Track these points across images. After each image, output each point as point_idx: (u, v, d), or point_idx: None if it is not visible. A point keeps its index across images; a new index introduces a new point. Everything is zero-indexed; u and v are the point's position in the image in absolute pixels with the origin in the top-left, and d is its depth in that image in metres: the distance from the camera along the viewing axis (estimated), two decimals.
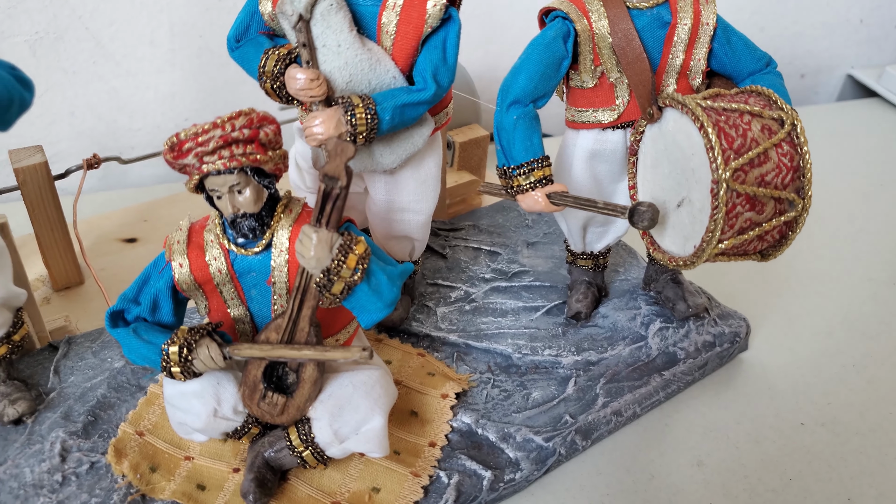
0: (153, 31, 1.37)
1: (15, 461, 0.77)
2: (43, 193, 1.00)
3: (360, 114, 0.73)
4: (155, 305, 0.74)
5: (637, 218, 0.76)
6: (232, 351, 0.71)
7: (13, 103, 0.69)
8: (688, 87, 0.85)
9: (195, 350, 0.69)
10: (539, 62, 0.80)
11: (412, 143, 0.83)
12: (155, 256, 0.74)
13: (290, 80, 0.74)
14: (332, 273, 0.67)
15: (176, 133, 0.67)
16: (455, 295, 1.02)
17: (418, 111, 0.77)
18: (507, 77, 0.82)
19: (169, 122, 1.46)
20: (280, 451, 0.76)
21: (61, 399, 0.84)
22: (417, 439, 0.84)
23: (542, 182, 0.81)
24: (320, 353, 0.71)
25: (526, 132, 0.80)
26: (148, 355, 0.71)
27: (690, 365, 0.93)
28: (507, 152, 0.81)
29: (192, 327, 0.70)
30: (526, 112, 0.81)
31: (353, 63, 0.75)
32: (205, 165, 0.67)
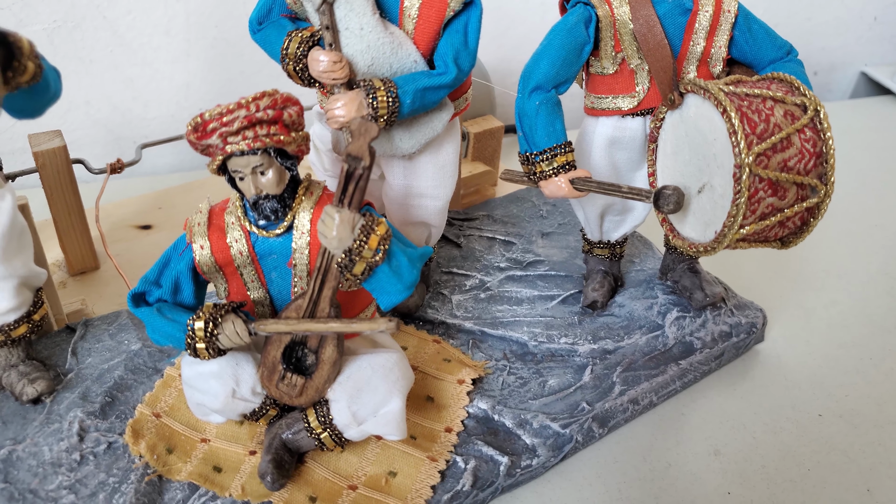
0: (169, 20, 1.37)
1: (34, 439, 0.77)
2: (61, 177, 1.00)
3: (382, 97, 0.73)
4: (176, 287, 0.74)
5: (663, 201, 0.76)
6: (257, 326, 0.71)
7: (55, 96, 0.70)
8: (708, 75, 0.85)
9: (220, 325, 0.69)
10: (561, 47, 0.80)
11: (432, 127, 0.82)
12: (170, 242, 0.74)
13: (313, 63, 0.74)
14: (354, 253, 0.67)
15: (200, 113, 0.67)
16: (470, 283, 1.02)
17: (439, 95, 0.77)
18: (529, 63, 0.82)
19: (183, 112, 1.46)
20: (298, 433, 0.76)
21: (79, 380, 0.84)
22: (433, 424, 0.83)
23: (565, 168, 0.80)
24: (346, 326, 0.71)
25: (548, 118, 0.80)
26: (172, 333, 0.71)
27: (707, 355, 0.93)
28: (529, 138, 0.81)
29: (217, 304, 0.71)
30: (548, 98, 0.80)
31: (376, 46, 0.75)
32: (228, 146, 0.67)
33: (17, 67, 0.63)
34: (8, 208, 0.75)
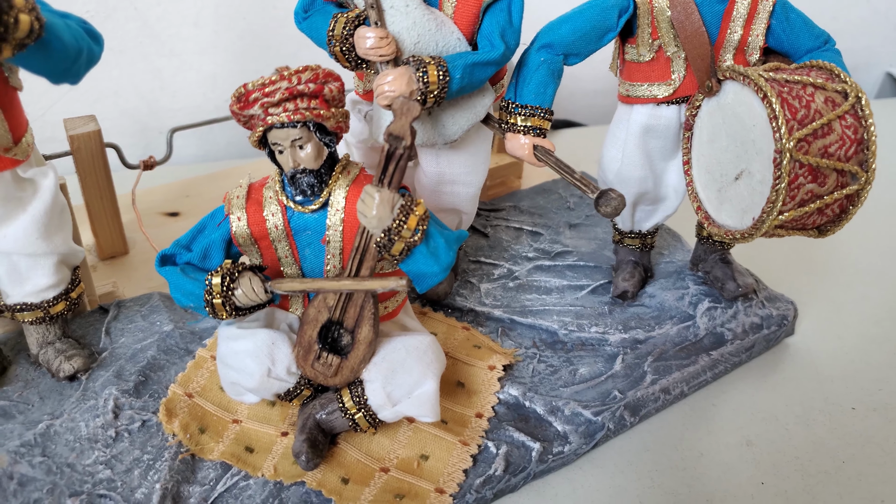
0: (199, 11, 1.38)
1: (71, 415, 0.77)
2: (95, 161, 1.01)
3: (433, 71, 0.72)
4: (205, 255, 0.74)
5: (603, 201, 0.73)
6: (273, 285, 0.71)
7: (81, 53, 0.70)
8: (744, 63, 0.84)
9: (237, 281, 0.70)
10: (588, 20, 0.80)
11: (475, 112, 0.82)
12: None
13: (360, 40, 0.73)
14: (393, 233, 0.68)
15: (244, 84, 0.68)
16: (498, 272, 1.02)
17: (487, 72, 0.76)
18: (552, 22, 0.81)
19: (209, 104, 1.47)
20: (332, 414, 0.76)
21: (113, 359, 0.85)
22: (464, 410, 0.83)
23: (535, 131, 0.80)
24: (358, 283, 0.71)
25: (545, 78, 0.80)
26: (193, 290, 0.71)
27: (738, 346, 0.92)
28: (518, 88, 0.81)
29: (236, 262, 0.71)
30: (554, 60, 0.80)
31: (421, 23, 0.75)
32: (269, 117, 0.67)
33: (8, 22, 0.62)
34: (51, 185, 0.76)
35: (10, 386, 0.81)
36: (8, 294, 0.79)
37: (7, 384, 0.81)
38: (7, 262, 0.77)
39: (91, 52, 0.71)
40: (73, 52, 0.68)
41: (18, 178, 0.75)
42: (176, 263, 0.74)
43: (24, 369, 0.83)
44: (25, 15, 0.62)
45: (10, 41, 0.62)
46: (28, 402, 0.79)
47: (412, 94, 0.73)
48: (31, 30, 0.62)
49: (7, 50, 0.63)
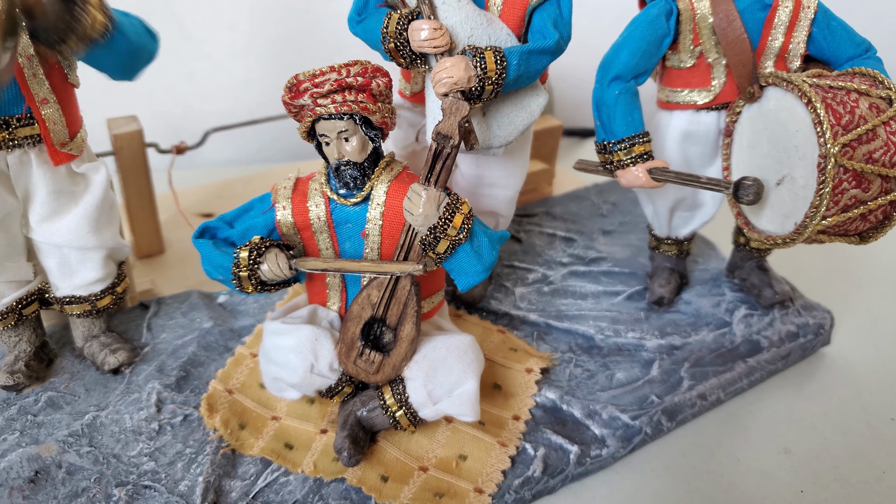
0: (234, 16, 1.40)
1: (115, 407, 0.78)
2: (136, 160, 1.02)
3: (490, 57, 0.72)
4: (245, 235, 0.75)
5: (742, 192, 0.76)
6: (297, 263, 0.72)
7: (143, 52, 0.72)
8: (785, 70, 0.85)
9: (264, 256, 0.71)
10: (641, 39, 0.81)
11: (529, 112, 0.81)
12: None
13: (414, 33, 0.74)
14: (438, 231, 0.68)
15: (295, 74, 0.69)
16: (532, 277, 1.02)
17: (543, 61, 0.76)
18: (609, 53, 0.82)
19: (242, 108, 1.48)
20: (373, 411, 0.76)
21: (155, 354, 0.86)
22: (501, 412, 0.84)
23: (642, 157, 0.81)
24: (378, 266, 0.72)
25: (627, 108, 0.81)
26: (222, 262, 0.72)
27: (774, 354, 0.92)
28: (606, 127, 0.82)
29: (264, 238, 0.72)
30: (627, 88, 0.81)
31: (473, 17, 0.75)
32: (318, 108, 0.68)
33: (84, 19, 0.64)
34: (102, 180, 0.77)
35: (57, 377, 0.82)
36: (57, 286, 0.80)
37: (54, 376, 0.82)
38: (58, 255, 0.78)
39: (150, 50, 0.73)
40: (136, 49, 0.70)
41: (72, 173, 0.76)
42: (216, 236, 0.75)
43: (69, 362, 0.84)
44: (99, 13, 0.63)
45: (83, 38, 0.64)
46: (74, 393, 0.80)
47: (470, 81, 0.71)
48: (104, 28, 0.64)
49: (79, 46, 0.64)
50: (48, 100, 0.72)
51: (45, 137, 0.73)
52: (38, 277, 0.80)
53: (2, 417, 0.77)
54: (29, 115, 0.71)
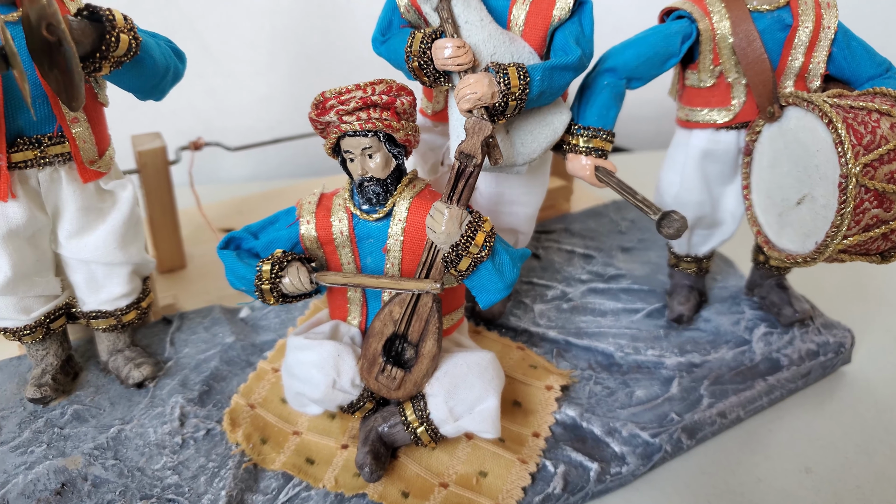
0: (255, 34, 1.42)
1: (140, 421, 0.79)
2: (159, 177, 1.04)
3: (513, 73, 0.73)
4: (269, 246, 0.76)
5: (666, 223, 0.72)
6: (318, 277, 0.73)
7: (169, 71, 0.73)
8: (805, 90, 0.85)
9: (286, 270, 0.72)
10: (652, 46, 0.82)
11: (553, 129, 0.81)
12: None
13: (438, 51, 0.75)
14: (461, 248, 0.69)
15: (321, 92, 0.71)
16: (551, 293, 1.02)
17: (566, 77, 0.77)
18: (616, 46, 0.83)
19: (261, 124, 1.50)
20: (394, 427, 0.77)
21: (178, 368, 0.87)
22: (521, 429, 0.84)
23: (597, 152, 0.81)
24: (396, 283, 0.73)
25: (608, 101, 0.81)
26: (245, 274, 0.74)
27: (794, 372, 0.92)
28: (580, 110, 0.82)
29: (287, 252, 0.73)
30: (617, 84, 0.81)
31: (496, 36, 0.76)
32: (343, 124, 0.70)
33: (110, 41, 0.66)
34: (129, 197, 0.78)
35: (83, 391, 0.83)
36: (84, 301, 0.82)
37: (80, 389, 0.84)
38: (85, 271, 0.80)
39: (177, 70, 0.75)
40: (162, 69, 0.71)
41: (100, 190, 0.78)
42: (240, 247, 0.77)
43: (94, 375, 0.86)
44: (125, 34, 0.65)
45: (109, 59, 0.65)
46: (99, 406, 0.81)
47: (493, 97, 0.72)
48: (129, 48, 0.66)
49: (106, 67, 0.66)
50: (78, 119, 0.73)
51: (74, 155, 0.74)
52: (65, 292, 0.82)
53: (29, 430, 0.78)
54: (60, 134, 0.73)
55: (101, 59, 0.66)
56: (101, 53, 0.65)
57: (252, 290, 0.74)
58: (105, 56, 0.66)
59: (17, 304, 0.77)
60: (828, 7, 0.83)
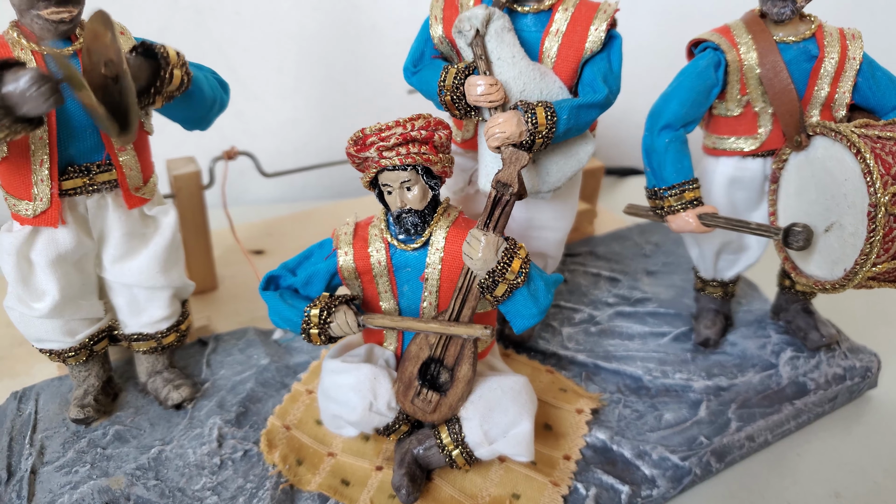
0: (282, 58, 1.45)
1: (179, 442, 0.81)
2: (193, 200, 1.06)
3: (541, 113, 0.75)
4: (308, 281, 0.78)
5: (792, 238, 0.77)
6: (365, 319, 0.74)
7: (216, 103, 0.76)
8: (830, 119, 0.87)
9: (334, 314, 0.73)
10: (691, 89, 0.84)
11: (578, 159, 0.84)
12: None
13: (471, 88, 0.77)
14: (497, 275, 0.71)
15: (361, 128, 0.72)
16: (579, 317, 1.04)
17: (592, 114, 0.79)
18: (658, 102, 0.85)
19: (287, 146, 1.53)
20: (429, 450, 0.78)
21: (215, 390, 0.89)
22: (552, 452, 0.85)
23: (692, 203, 0.83)
24: (445, 328, 0.74)
25: (677, 155, 0.83)
26: (290, 317, 0.75)
27: (821, 396, 0.93)
28: (657, 174, 0.84)
29: (333, 295, 0.75)
30: (677, 136, 0.84)
31: (527, 73, 0.79)
32: (383, 160, 0.71)
33: (165, 77, 0.69)
34: (171, 223, 0.81)
35: (123, 412, 0.85)
36: (126, 324, 0.84)
37: (119, 410, 0.85)
38: (128, 294, 0.82)
39: (222, 101, 0.77)
40: (209, 101, 0.74)
41: (144, 216, 0.80)
42: (279, 285, 0.78)
43: (133, 396, 0.87)
44: (178, 70, 0.68)
45: (163, 93, 0.68)
46: (140, 427, 0.83)
47: (521, 136, 0.75)
48: (181, 83, 0.68)
49: (159, 101, 0.69)
50: (125, 147, 0.76)
51: (121, 182, 0.76)
52: (107, 315, 0.84)
53: (73, 450, 0.80)
54: (108, 162, 0.75)
55: (155, 94, 0.68)
56: (155, 88, 0.68)
57: (297, 331, 0.75)
58: (159, 91, 0.68)
59: (63, 326, 0.79)
60: (853, 38, 0.85)
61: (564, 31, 0.80)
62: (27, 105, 0.60)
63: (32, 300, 0.77)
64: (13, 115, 0.61)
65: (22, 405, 0.86)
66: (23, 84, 0.59)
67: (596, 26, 0.79)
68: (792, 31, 0.84)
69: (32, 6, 0.67)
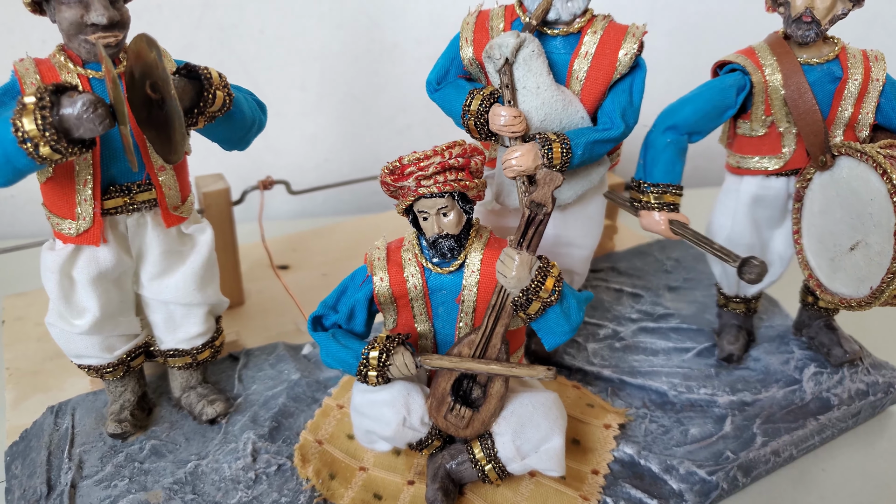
0: (305, 76, 1.48)
1: (215, 457, 0.82)
2: (223, 217, 1.08)
3: (557, 148, 0.79)
4: (351, 315, 0.79)
5: (747, 269, 0.76)
6: (423, 360, 0.75)
7: (255, 123, 0.78)
8: (854, 139, 0.88)
9: (392, 356, 0.75)
10: (709, 101, 0.85)
11: (589, 179, 0.87)
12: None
13: (494, 118, 0.80)
14: (531, 293, 0.72)
15: (399, 157, 0.74)
16: (603, 332, 1.05)
17: (606, 148, 0.83)
18: (673, 104, 0.87)
19: (309, 162, 1.55)
20: (462, 464, 0.79)
21: (247, 404, 0.90)
22: (580, 466, 0.86)
23: (668, 206, 0.85)
24: (507, 369, 0.75)
25: (672, 157, 0.85)
26: (345, 358, 0.76)
27: (844, 412, 0.94)
28: (647, 168, 0.86)
29: (389, 336, 0.76)
30: (679, 140, 0.85)
31: (549, 103, 0.81)
32: (421, 188, 0.73)
33: (208, 98, 0.71)
34: (208, 240, 0.82)
35: (158, 426, 0.86)
36: (162, 340, 0.85)
37: (155, 424, 0.87)
38: (165, 311, 0.84)
39: (261, 121, 0.79)
40: (249, 122, 0.76)
41: (181, 234, 0.82)
42: (324, 325, 0.79)
43: (167, 411, 0.89)
44: (220, 91, 0.70)
45: (205, 114, 0.70)
46: (175, 442, 0.84)
47: (537, 169, 0.79)
48: (223, 104, 0.70)
49: (201, 122, 0.71)
50: (165, 167, 0.78)
51: (160, 201, 0.78)
52: (144, 331, 0.85)
53: (111, 464, 0.81)
54: (148, 182, 0.77)
55: (197, 115, 0.70)
56: (198, 109, 0.70)
57: (353, 372, 0.76)
58: (202, 112, 0.70)
59: (102, 343, 0.81)
60: (876, 60, 0.86)
61: (594, 53, 0.82)
62: (82, 128, 0.62)
63: (73, 317, 0.79)
64: (69, 138, 0.63)
65: (59, 420, 0.88)
66: (79, 108, 0.61)
67: (626, 51, 0.81)
68: (816, 52, 0.86)
69: (80, 31, 0.69)
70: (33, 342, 1.05)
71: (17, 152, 0.62)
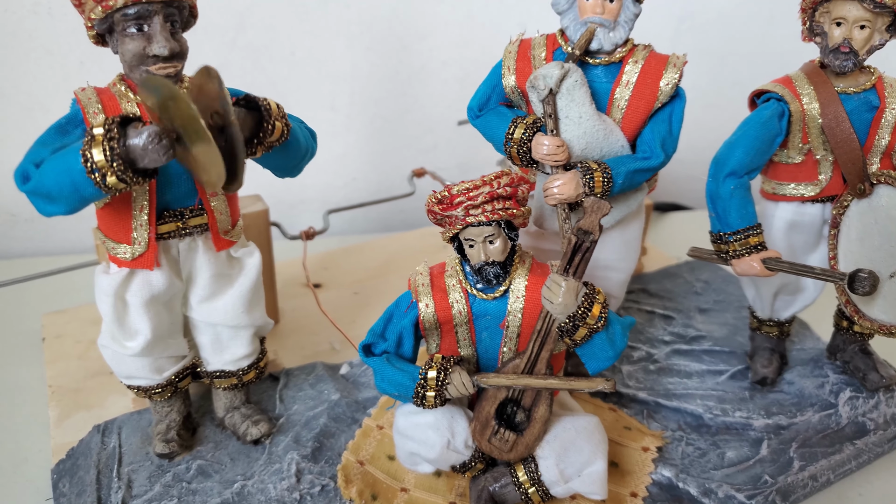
0: (335, 97, 1.50)
1: (260, 477, 0.83)
2: (261, 238, 1.10)
3: (598, 177, 0.81)
4: (399, 341, 0.80)
5: (858, 284, 0.80)
6: (480, 379, 0.77)
7: (308, 152, 0.80)
8: (890, 167, 0.89)
9: (450, 375, 0.76)
10: (755, 138, 0.87)
11: (627, 205, 0.89)
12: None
13: (537, 147, 0.82)
14: (578, 319, 0.73)
15: (447, 187, 0.75)
16: (637, 355, 1.06)
17: (646, 176, 0.84)
18: (723, 150, 0.88)
19: (338, 181, 1.57)
20: (505, 487, 0.80)
21: (290, 425, 0.91)
22: (619, 489, 0.87)
23: (756, 248, 0.86)
24: (565, 383, 0.76)
25: (741, 201, 0.86)
26: (402, 381, 0.77)
27: (881, 437, 0.94)
28: (722, 219, 0.87)
29: (444, 357, 0.77)
30: (741, 183, 0.87)
31: (591, 133, 0.83)
32: (469, 217, 0.74)
33: (267, 128, 0.72)
34: (256, 264, 0.84)
35: (203, 446, 0.88)
36: (209, 361, 0.87)
37: (200, 444, 0.88)
38: (212, 333, 0.85)
39: (313, 149, 0.81)
40: (303, 151, 0.78)
41: (230, 258, 0.83)
42: (374, 352, 0.81)
43: (211, 431, 0.90)
44: (279, 122, 0.71)
45: (264, 144, 0.72)
46: (221, 462, 0.86)
47: (578, 197, 0.82)
48: (281, 134, 0.72)
49: (260, 151, 0.72)
50: (216, 193, 0.79)
51: (211, 226, 0.80)
52: (191, 353, 0.87)
53: (159, 484, 0.82)
54: (200, 207, 0.79)
55: (256, 145, 0.72)
56: (257, 139, 0.72)
57: (409, 394, 0.77)
58: (261, 142, 0.72)
59: (152, 364, 0.82)
60: None
61: (635, 82, 0.84)
62: (147, 158, 0.64)
63: (126, 339, 0.80)
64: (134, 168, 0.64)
65: (106, 438, 0.89)
66: (145, 139, 0.63)
67: (667, 80, 0.83)
68: (852, 82, 0.87)
69: (142, 62, 0.71)
70: (74, 360, 1.07)
71: (85, 182, 0.64)
